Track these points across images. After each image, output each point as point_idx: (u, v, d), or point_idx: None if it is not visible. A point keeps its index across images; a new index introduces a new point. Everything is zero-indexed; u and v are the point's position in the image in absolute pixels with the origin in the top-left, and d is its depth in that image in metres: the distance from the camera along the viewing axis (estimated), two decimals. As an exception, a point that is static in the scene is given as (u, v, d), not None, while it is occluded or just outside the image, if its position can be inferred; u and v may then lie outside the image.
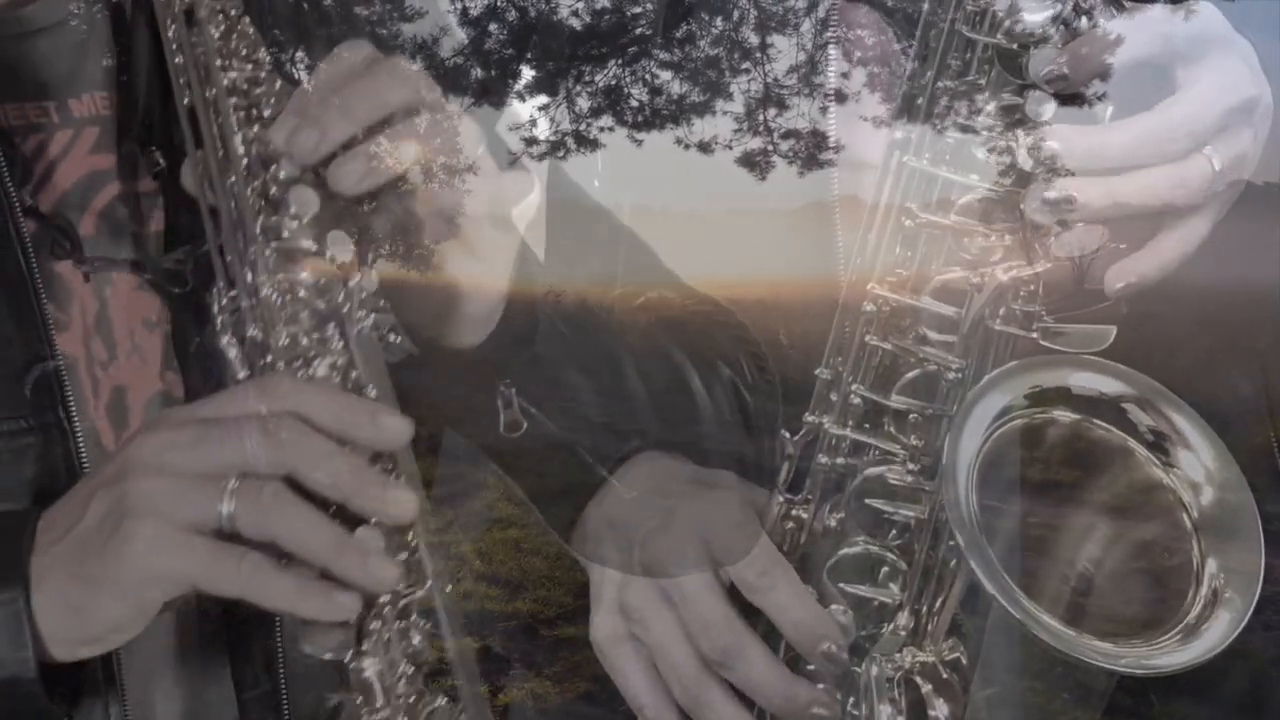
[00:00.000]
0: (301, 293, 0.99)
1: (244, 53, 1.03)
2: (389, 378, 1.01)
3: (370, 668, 0.96)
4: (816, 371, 1.09)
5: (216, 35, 1.03)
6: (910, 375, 1.07)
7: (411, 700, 0.98)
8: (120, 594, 0.93)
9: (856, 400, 1.08)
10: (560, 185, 1.46)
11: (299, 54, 1.31)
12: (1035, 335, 1.04)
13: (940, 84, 1.05)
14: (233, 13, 1.04)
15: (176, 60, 1.02)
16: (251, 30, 1.04)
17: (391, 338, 1.02)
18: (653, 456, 1.21)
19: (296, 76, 1.25)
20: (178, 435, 0.94)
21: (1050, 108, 1.02)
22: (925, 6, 1.06)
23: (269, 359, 0.99)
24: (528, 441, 1.22)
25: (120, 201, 1.17)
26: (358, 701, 0.96)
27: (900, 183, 1.06)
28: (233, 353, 0.99)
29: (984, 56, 1.04)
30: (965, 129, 1.05)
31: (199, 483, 0.92)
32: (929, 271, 1.06)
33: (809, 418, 1.09)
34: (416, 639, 0.97)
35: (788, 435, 1.10)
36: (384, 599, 0.96)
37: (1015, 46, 1.02)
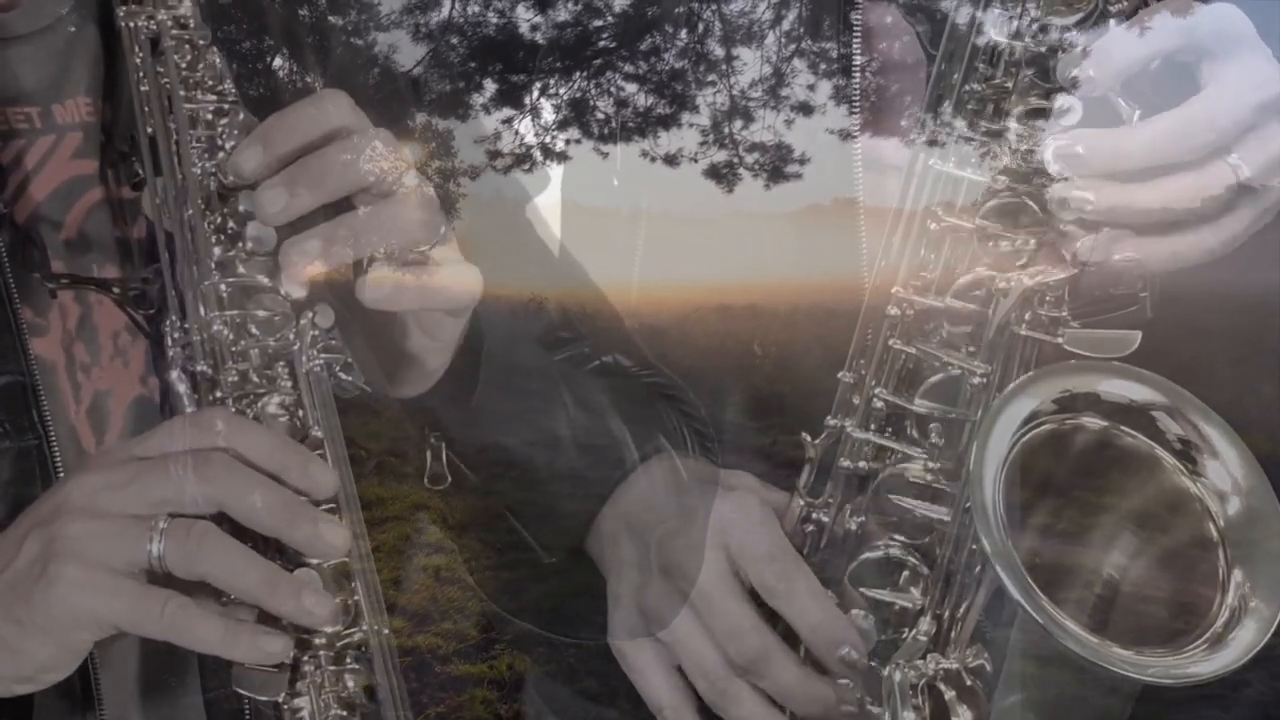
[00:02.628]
0: (253, 329, 0.99)
1: (209, 83, 1.03)
2: (336, 416, 1.01)
3: (303, 709, 0.96)
4: (839, 375, 1.08)
5: (182, 65, 1.02)
6: (934, 379, 1.06)
7: None
8: (47, 636, 0.92)
9: (879, 404, 1.07)
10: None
11: (278, 62, 1.30)
12: (1061, 340, 1.03)
13: (967, 87, 1.04)
14: (200, 43, 1.03)
15: (142, 88, 1.02)
16: (218, 61, 1.04)
17: (343, 376, 1.02)
18: (670, 457, 1.20)
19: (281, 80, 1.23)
20: (111, 475, 0.93)
21: (1077, 111, 1.01)
22: (954, 10, 1.05)
23: (218, 395, 0.99)
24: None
25: (103, 207, 1.16)
26: None
27: (925, 186, 1.06)
28: (182, 387, 0.99)
29: (1011, 60, 1.03)
30: (991, 133, 1.04)
31: (128, 523, 0.91)
32: (953, 275, 1.05)
33: (831, 421, 1.08)
34: (350, 682, 0.97)
35: (808, 438, 1.09)
36: (319, 640, 0.96)
37: (1043, 50, 1.02)
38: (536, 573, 1.26)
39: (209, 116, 1.02)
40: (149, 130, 1.02)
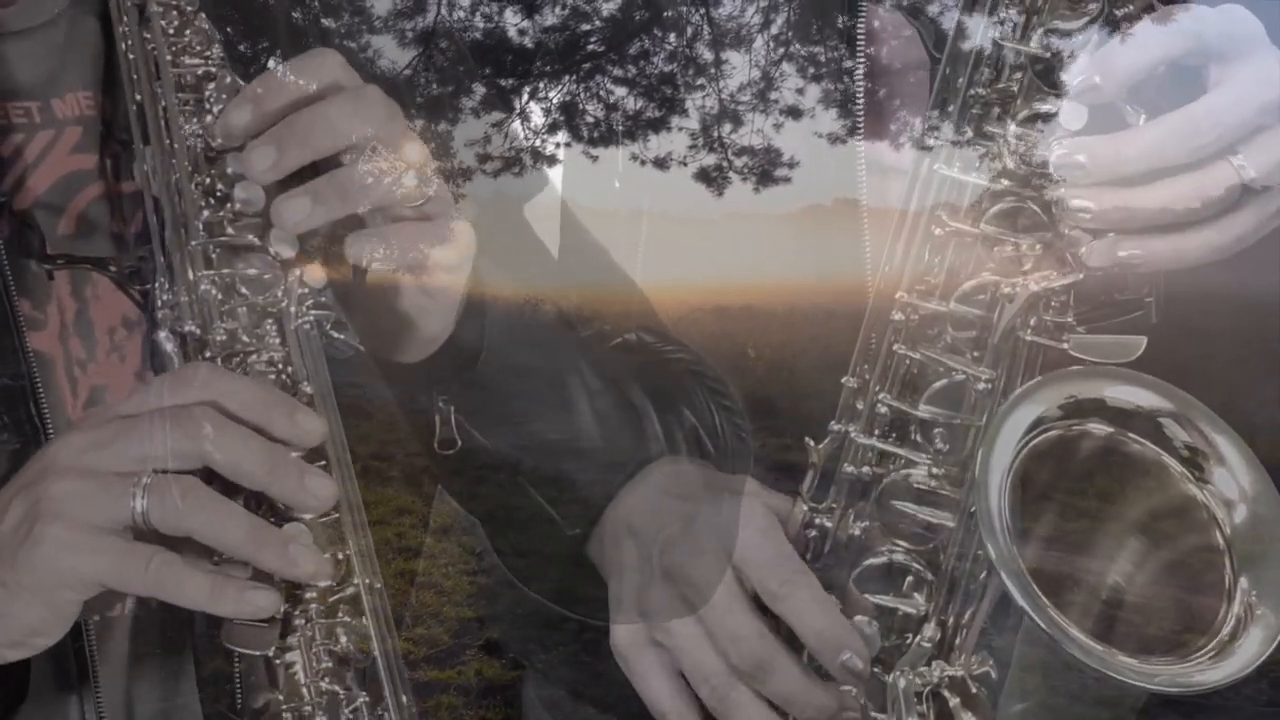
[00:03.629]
0: (241, 288, 0.99)
1: (197, 48, 1.03)
2: (328, 375, 1.00)
3: (294, 663, 0.96)
4: (843, 380, 1.08)
5: (170, 31, 1.02)
6: (938, 385, 1.05)
7: (334, 697, 0.97)
8: (34, 597, 0.92)
9: (883, 409, 1.06)
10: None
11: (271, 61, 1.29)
12: (1066, 346, 1.02)
13: (972, 91, 1.04)
14: (188, 9, 1.03)
15: (129, 57, 1.02)
16: (207, 26, 1.03)
17: (334, 334, 1.02)
18: (672, 461, 1.19)
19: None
20: (96, 434, 0.93)
21: (1082, 117, 1.00)
22: (959, 13, 1.04)
23: (206, 354, 0.98)
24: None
25: (102, 201, 1.15)
26: (280, 697, 0.96)
27: (929, 189, 1.05)
28: (170, 348, 0.99)
29: (1016, 64, 1.02)
30: (995, 137, 1.03)
31: (112, 481, 0.91)
32: (958, 280, 1.04)
33: (835, 426, 1.08)
34: (342, 637, 0.97)
35: (812, 443, 1.08)
36: (310, 595, 0.96)
37: (1049, 55, 1.01)
38: (552, 551, 1.25)
39: (195, 81, 1.02)
40: (137, 98, 1.02)
